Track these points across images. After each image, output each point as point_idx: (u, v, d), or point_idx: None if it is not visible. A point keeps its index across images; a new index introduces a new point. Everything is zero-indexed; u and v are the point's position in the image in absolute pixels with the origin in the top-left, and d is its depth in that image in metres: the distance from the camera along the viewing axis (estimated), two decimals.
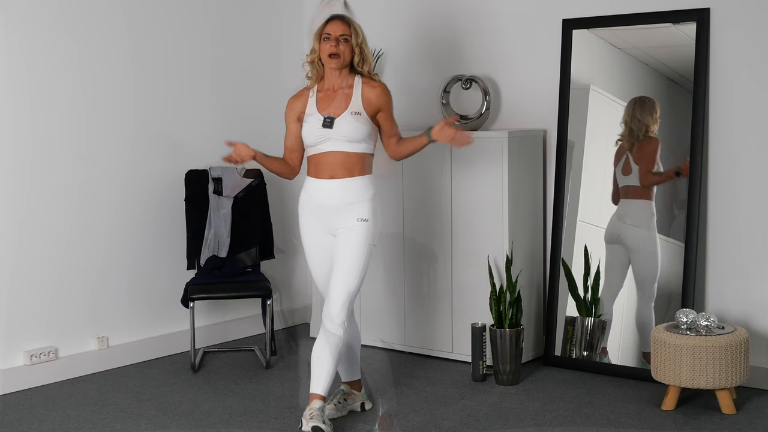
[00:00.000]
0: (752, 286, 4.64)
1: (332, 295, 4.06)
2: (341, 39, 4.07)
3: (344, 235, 4.08)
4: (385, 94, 4.15)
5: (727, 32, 4.64)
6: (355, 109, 4.07)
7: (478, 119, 5.23)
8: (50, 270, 4.98)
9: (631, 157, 4.85)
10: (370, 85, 4.13)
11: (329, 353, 4.05)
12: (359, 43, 4.10)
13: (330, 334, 4.05)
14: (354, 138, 4.05)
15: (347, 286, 4.05)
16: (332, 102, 4.10)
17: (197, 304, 5.35)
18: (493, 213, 4.99)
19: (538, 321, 5.23)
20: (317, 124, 4.07)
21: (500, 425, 4.23)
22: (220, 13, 5.70)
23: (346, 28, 4.09)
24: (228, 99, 5.77)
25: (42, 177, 4.94)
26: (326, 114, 4.08)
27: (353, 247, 4.06)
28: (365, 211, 4.09)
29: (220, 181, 5.39)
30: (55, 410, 4.53)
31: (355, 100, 4.09)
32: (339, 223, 4.09)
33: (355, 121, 4.06)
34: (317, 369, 4.08)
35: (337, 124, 4.05)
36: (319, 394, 4.06)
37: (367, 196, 4.10)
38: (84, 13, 5.06)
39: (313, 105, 4.12)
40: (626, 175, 4.87)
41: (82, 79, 5.07)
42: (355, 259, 4.06)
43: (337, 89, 4.12)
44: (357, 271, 4.07)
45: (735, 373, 4.25)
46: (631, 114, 4.86)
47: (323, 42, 4.09)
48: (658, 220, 4.82)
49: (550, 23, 5.17)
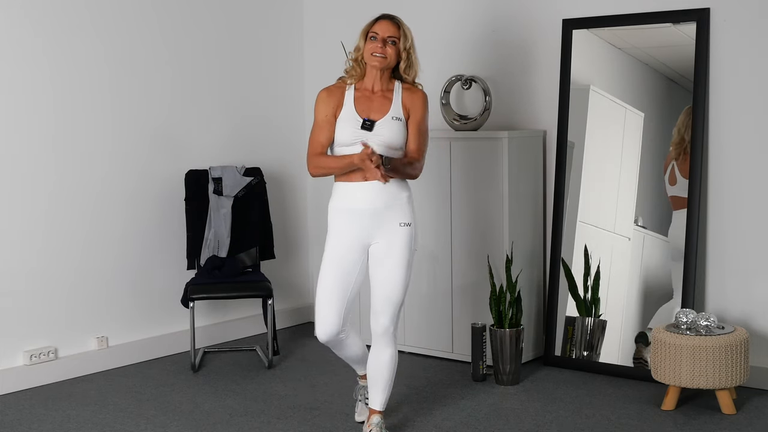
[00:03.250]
0: (752, 286, 4.64)
1: (379, 309, 3.89)
2: (389, 41, 3.87)
3: (386, 242, 3.88)
4: (421, 101, 3.94)
5: (727, 32, 4.64)
6: (396, 115, 3.88)
7: (478, 119, 5.23)
8: (50, 270, 4.98)
9: (677, 167, 4.76)
10: (410, 91, 3.95)
11: (385, 367, 3.94)
12: (407, 48, 3.91)
13: (382, 348, 3.93)
14: (392, 144, 3.86)
15: (394, 299, 3.89)
16: (371, 104, 3.90)
17: (197, 304, 5.35)
18: (493, 213, 5.00)
19: (538, 321, 5.23)
20: (355, 124, 3.86)
21: (500, 425, 4.23)
22: (221, 14, 5.70)
23: (396, 29, 3.88)
24: (228, 99, 5.76)
25: (41, 177, 4.93)
26: (365, 116, 3.88)
27: (398, 257, 3.88)
28: (406, 213, 3.91)
29: (220, 181, 5.38)
30: (55, 410, 4.53)
31: (396, 105, 3.90)
32: (379, 228, 3.88)
33: (395, 126, 3.87)
34: (374, 384, 3.98)
35: (378, 127, 3.86)
36: (378, 410, 3.99)
37: (403, 196, 3.91)
38: (85, 16, 5.06)
39: (350, 103, 3.90)
40: (672, 185, 4.77)
41: (81, 79, 5.07)
42: (401, 270, 3.89)
43: (377, 91, 3.92)
44: (402, 283, 3.90)
45: (735, 373, 4.25)
46: (686, 123, 4.71)
47: (369, 41, 3.88)
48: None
49: (550, 23, 5.17)
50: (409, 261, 3.91)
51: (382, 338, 3.92)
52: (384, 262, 3.89)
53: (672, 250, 4.76)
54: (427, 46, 5.62)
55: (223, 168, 5.43)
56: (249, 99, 5.88)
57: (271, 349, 5.21)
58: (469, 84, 5.30)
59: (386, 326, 3.90)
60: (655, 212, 4.85)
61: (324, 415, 4.38)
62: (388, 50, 3.88)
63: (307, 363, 5.26)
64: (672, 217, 4.78)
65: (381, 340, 3.93)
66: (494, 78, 5.36)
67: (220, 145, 5.70)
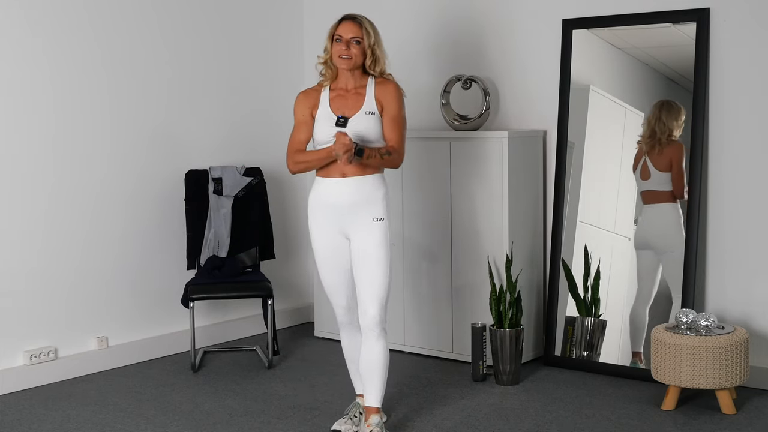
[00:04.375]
0: (752, 286, 4.64)
1: (364, 304, 3.98)
2: (352, 41, 3.99)
3: (362, 238, 3.99)
4: (392, 91, 4.05)
5: (727, 32, 4.64)
6: (369, 109, 4.01)
7: (478, 119, 5.22)
8: (50, 270, 4.98)
9: (650, 161, 4.81)
10: (382, 84, 4.07)
11: (377, 362, 3.99)
12: (371, 45, 4.01)
13: (373, 343, 3.99)
14: (367, 137, 3.98)
15: (378, 294, 3.98)
16: (346, 102, 4.04)
17: (197, 304, 5.35)
18: (493, 213, 4.99)
19: (538, 321, 5.23)
20: (330, 122, 4.00)
21: (500, 425, 4.23)
22: (220, 14, 5.70)
23: (358, 29, 4.00)
24: (228, 99, 5.76)
25: (41, 178, 4.93)
26: (340, 114, 4.01)
27: (375, 251, 3.98)
28: (379, 210, 4.01)
29: (220, 181, 5.38)
30: (55, 410, 4.53)
31: (369, 100, 4.03)
32: (353, 223, 4.01)
33: (368, 120, 4.00)
34: (369, 380, 4.01)
35: (351, 123, 3.98)
36: (375, 407, 4.00)
37: (379, 195, 4.02)
38: (85, 16, 5.06)
39: (326, 104, 4.05)
40: (645, 179, 4.82)
41: (81, 79, 5.07)
42: (380, 264, 3.98)
43: (351, 89, 4.06)
44: (384, 277, 3.99)
45: (735, 373, 4.25)
46: (656, 116, 4.79)
47: (335, 43, 4.02)
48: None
49: (550, 23, 5.17)
50: (387, 255, 4.02)
51: (373, 331, 3.98)
52: (365, 260, 3.99)
53: (637, 241, 4.86)
54: (427, 46, 5.63)
55: (223, 168, 5.43)
56: (249, 99, 5.88)
57: (271, 349, 5.21)
58: (469, 84, 5.30)
59: (376, 319, 3.97)
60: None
61: (324, 415, 4.38)
62: (353, 50, 4.01)
63: (307, 363, 5.26)
64: (642, 211, 4.84)
65: (372, 334, 3.99)
66: (494, 78, 5.36)
67: (220, 145, 5.70)
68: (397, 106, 4.05)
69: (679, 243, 4.72)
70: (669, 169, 4.76)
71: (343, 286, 4.10)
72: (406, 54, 5.65)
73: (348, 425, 4.17)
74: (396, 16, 5.69)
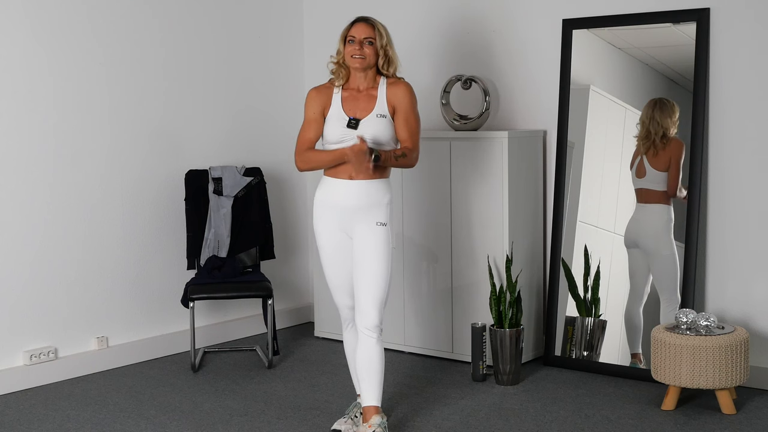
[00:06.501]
0: (752, 286, 4.64)
1: (364, 306, 4.01)
2: (365, 42, 4.02)
3: (364, 241, 4.01)
4: (404, 91, 4.06)
5: (727, 32, 4.64)
6: (381, 112, 4.02)
7: (478, 119, 5.23)
8: (50, 270, 4.98)
9: (646, 159, 4.82)
10: (393, 84, 4.08)
11: (375, 362, 4.01)
12: (384, 46, 4.05)
13: (371, 344, 4.01)
14: (379, 140, 4.00)
15: (377, 296, 4.01)
16: (357, 103, 4.04)
17: (197, 304, 5.35)
18: (493, 213, 5.00)
19: (538, 321, 5.23)
20: (342, 123, 4.02)
21: (500, 425, 4.23)
22: (220, 14, 5.70)
23: (371, 30, 4.04)
24: (228, 99, 5.77)
25: (41, 177, 4.94)
26: (351, 115, 4.03)
27: (376, 254, 4.00)
28: (383, 215, 4.03)
29: (220, 180, 5.38)
30: (55, 410, 4.53)
31: (380, 102, 4.04)
32: (357, 225, 4.02)
33: (379, 123, 4.01)
34: (368, 379, 4.03)
35: (363, 125, 4.00)
36: (375, 406, 4.01)
37: (385, 200, 4.04)
38: (85, 16, 5.06)
39: (338, 104, 4.06)
40: (640, 177, 4.83)
41: (81, 79, 5.07)
42: (381, 266, 4.00)
43: (363, 90, 4.07)
44: (384, 279, 4.01)
45: (735, 373, 4.25)
46: (650, 115, 4.80)
47: (348, 44, 4.05)
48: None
49: (550, 23, 5.17)
50: (388, 259, 4.04)
51: (372, 333, 4.01)
52: (366, 263, 4.00)
53: (627, 240, 4.88)
54: (427, 47, 5.63)
55: (223, 168, 5.43)
56: (249, 98, 5.88)
57: (271, 349, 5.21)
58: (469, 84, 5.30)
59: (376, 322, 4.00)
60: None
61: (324, 415, 4.38)
62: (366, 51, 4.03)
63: (307, 363, 5.26)
64: (635, 209, 4.85)
65: (370, 335, 4.01)
66: (494, 78, 5.37)
67: (219, 145, 5.70)
68: (410, 105, 4.07)
69: (667, 246, 4.72)
70: (667, 168, 4.77)
71: (348, 284, 4.11)
72: (407, 54, 5.64)
73: (348, 425, 4.18)
74: (396, 16, 5.69)
